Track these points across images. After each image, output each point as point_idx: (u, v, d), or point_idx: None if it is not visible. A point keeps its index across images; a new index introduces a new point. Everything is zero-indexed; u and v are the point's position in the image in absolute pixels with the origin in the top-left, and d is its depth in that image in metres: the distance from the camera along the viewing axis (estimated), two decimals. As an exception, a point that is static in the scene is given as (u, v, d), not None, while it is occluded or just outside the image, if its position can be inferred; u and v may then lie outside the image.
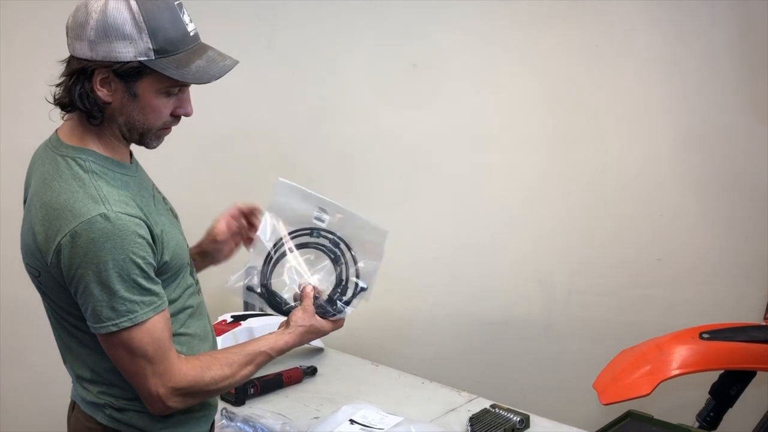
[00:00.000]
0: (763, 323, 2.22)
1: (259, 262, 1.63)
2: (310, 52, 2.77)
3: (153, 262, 1.38)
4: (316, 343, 2.38)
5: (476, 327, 2.86)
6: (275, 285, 1.64)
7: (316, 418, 2.01)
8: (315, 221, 1.63)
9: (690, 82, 2.68)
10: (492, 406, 2.02)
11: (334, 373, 2.30)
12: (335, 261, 1.62)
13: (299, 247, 1.64)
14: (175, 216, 1.58)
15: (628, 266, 2.79)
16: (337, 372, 2.31)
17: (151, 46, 1.34)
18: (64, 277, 1.35)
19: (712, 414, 2.20)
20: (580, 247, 2.81)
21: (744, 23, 2.61)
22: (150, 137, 1.44)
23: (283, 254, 1.64)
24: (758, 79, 2.61)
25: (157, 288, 1.39)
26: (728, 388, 2.18)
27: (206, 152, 2.72)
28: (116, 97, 1.37)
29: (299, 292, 1.61)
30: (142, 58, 1.34)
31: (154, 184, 1.55)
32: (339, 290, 1.60)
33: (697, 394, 2.28)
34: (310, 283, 1.60)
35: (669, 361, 2.02)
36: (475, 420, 1.94)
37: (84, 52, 1.34)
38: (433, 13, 2.74)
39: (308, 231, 1.63)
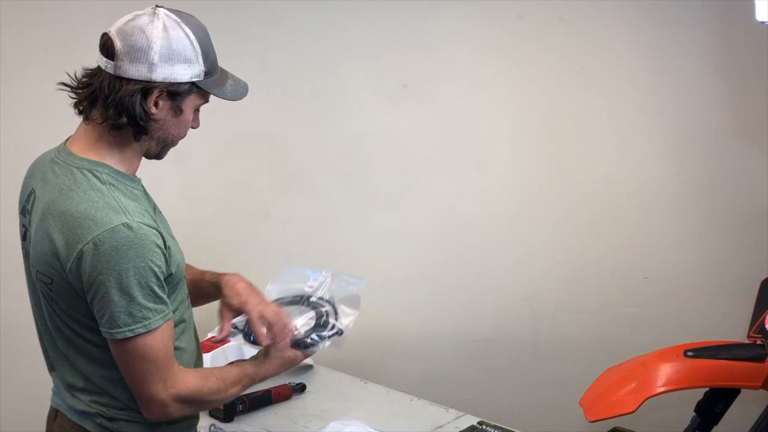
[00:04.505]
0: (747, 341, 2.23)
1: None
2: (303, 71, 2.80)
3: (165, 272, 1.44)
4: (306, 360, 2.40)
5: (465, 344, 2.87)
6: None
7: (305, 434, 2.01)
8: (306, 288, 1.81)
9: (678, 104, 2.71)
10: (479, 423, 2.02)
11: (323, 389, 2.30)
12: (318, 314, 1.76)
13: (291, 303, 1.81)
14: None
15: (615, 285, 2.81)
16: (326, 389, 2.31)
17: (203, 68, 1.45)
18: (83, 283, 1.39)
19: (697, 431, 2.22)
20: (568, 266, 2.83)
21: (729, 46, 2.65)
22: (168, 149, 1.54)
23: None
24: (745, 100, 2.65)
25: (166, 297, 1.45)
26: (713, 406, 2.18)
27: (199, 166, 2.74)
28: (161, 113, 1.46)
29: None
30: (196, 79, 1.44)
31: (151, 198, 1.59)
32: (316, 329, 1.72)
33: (682, 411, 2.29)
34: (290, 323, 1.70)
35: (654, 379, 2.03)
36: (462, 437, 1.95)
37: (142, 73, 1.40)
38: (427, 31, 2.77)
39: (299, 298, 1.81)
